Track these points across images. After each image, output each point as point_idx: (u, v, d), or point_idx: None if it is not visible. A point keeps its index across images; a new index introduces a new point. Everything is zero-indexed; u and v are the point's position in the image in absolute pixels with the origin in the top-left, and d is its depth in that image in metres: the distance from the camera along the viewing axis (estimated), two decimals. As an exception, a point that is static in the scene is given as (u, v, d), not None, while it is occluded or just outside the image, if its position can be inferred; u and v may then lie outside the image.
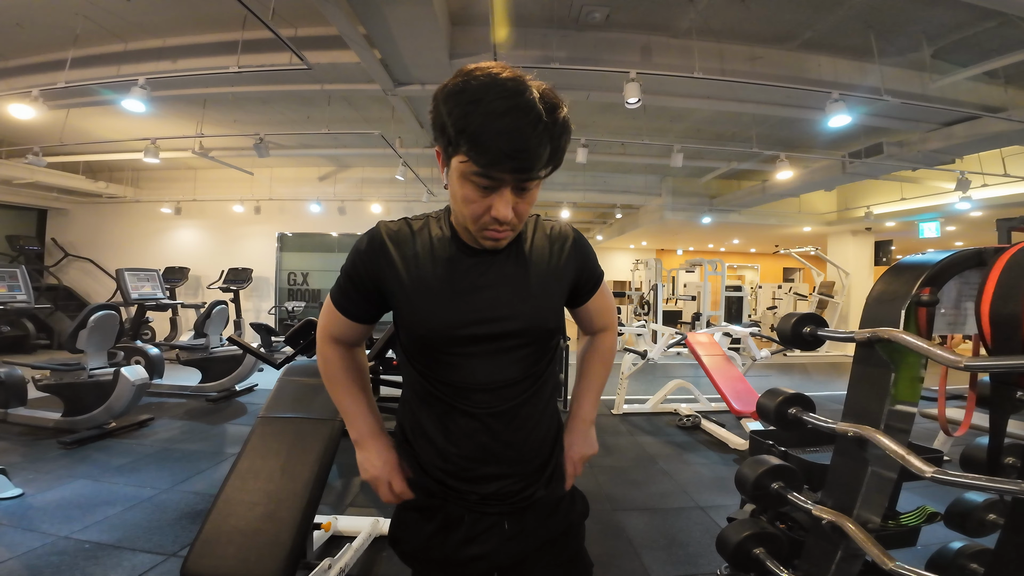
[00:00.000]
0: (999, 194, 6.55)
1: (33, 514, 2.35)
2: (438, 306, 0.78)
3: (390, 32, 3.42)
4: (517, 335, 0.81)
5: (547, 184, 6.30)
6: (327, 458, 1.73)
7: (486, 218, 0.71)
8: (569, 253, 0.88)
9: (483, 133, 0.63)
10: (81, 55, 4.30)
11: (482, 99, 0.63)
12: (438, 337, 0.79)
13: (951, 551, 1.21)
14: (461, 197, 0.71)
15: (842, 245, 9.97)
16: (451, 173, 0.72)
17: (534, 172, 0.67)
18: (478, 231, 0.74)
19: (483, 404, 0.80)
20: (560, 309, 0.88)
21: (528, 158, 0.65)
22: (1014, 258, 0.91)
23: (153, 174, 8.68)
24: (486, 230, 0.73)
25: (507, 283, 0.81)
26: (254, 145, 5.42)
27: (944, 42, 4.00)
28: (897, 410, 1.05)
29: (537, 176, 0.69)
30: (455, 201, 0.75)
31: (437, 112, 0.69)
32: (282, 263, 8.89)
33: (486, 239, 0.75)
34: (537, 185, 0.72)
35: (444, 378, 0.81)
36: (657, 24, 3.96)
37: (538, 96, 0.65)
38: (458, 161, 0.68)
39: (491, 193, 0.69)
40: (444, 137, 0.69)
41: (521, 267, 0.83)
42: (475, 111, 0.63)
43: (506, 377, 0.81)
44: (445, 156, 0.72)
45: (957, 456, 1.19)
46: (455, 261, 0.80)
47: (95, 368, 3.54)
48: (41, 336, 7.44)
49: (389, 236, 0.81)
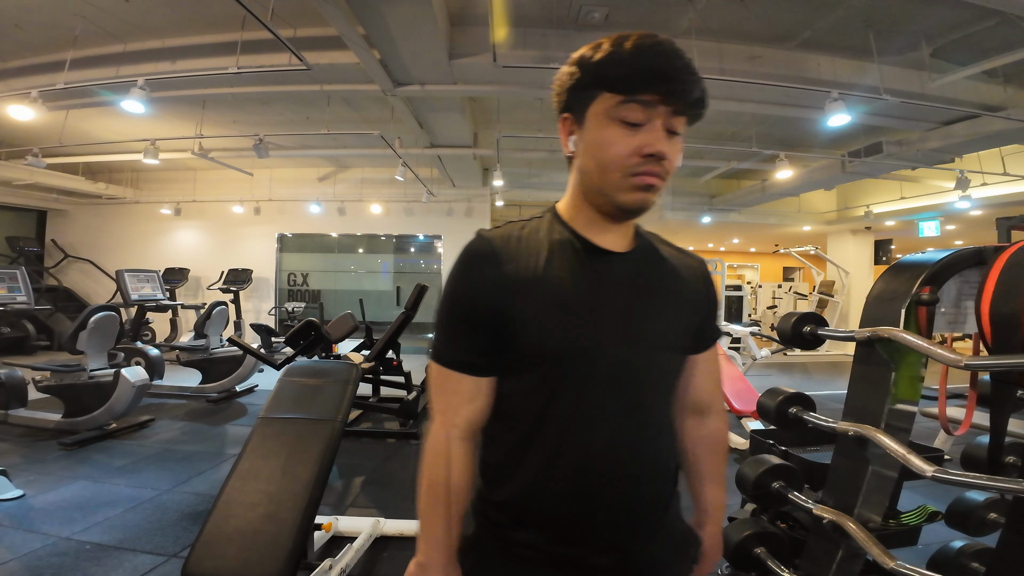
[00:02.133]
0: (999, 193, 6.55)
1: (34, 515, 2.35)
2: (574, 321, 0.64)
3: (389, 32, 3.42)
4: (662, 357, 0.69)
5: (547, 184, 6.29)
6: (328, 459, 1.73)
7: (634, 159, 0.61)
8: (702, 279, 0.77)
9: (634, 56, 0.59)
10: (80, 56, 4.30)
11: (628, 37, 0.60)
12: (571, 359, 0.64)
13: (952, 550, 1.21)
14: (600, 142, 0.62)
15: (842, 244, 9.97)
16: (587, 124, 0.64)
17: (687, 98, 0.60)
18: (623, 178, 0.62)
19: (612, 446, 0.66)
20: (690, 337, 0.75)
21: (680, 81, 0.59)
22: (1014, 257, 0.91)
23: (153, 175, 8.68)
24: (635, 175, 0.61)
25: (645, 293, 0.69)
26: (253, 146, 5.42)
27: (943, 41, 4.00)
28: (898, 409, 1.05)
29: (689, 109, 0.62)
30: (592, 155, 0.64)
31: (565, 77, 0.66)
32: (282, 264, 8.89)
33: (635, 187, 0.62)
34: (682, 137, 0.64)
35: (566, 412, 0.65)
36: (656, 24, 3.96)
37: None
38: (599, 103, 0.62)
39: (639, 131, 0.61)
40: (577, 91, 0.64)
41: (656, 277, 0.71)
42: (621, 47, 0.60)
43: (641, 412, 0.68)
44: (578, 111, 0.65)
45: (958, 455, 1.19)
46: (583, 264, 0.67)
47: (95, 369, 3.54)
48: (41, 337, 7.44)
49: (495, 242, 0.67)
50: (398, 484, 2.90)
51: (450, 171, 7.60)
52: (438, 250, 8.97)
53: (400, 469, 3.14)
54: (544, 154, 6.58)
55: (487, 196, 8.50)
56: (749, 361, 4.80)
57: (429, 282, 5.33)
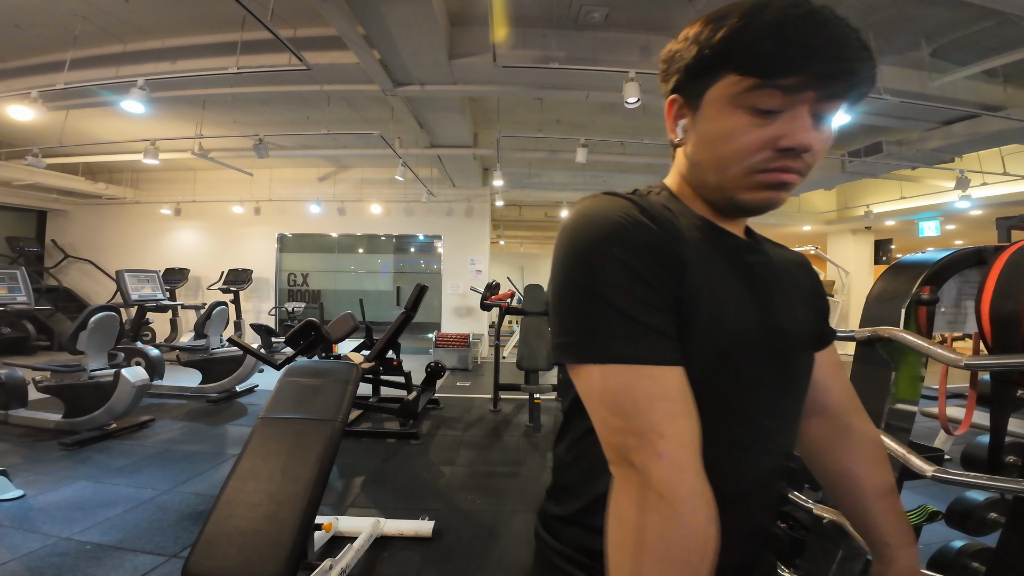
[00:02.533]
0: (999, 192, 6.55)
1: (34, 515, 2.35)
2: (739, 304, 0.52)
3: (389, 32, 3.42)
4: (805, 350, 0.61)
5: (547, 184, 6.29)
6: (328, 459, 1.73)
7: (765, 154, 0.48)
8: (812, 275, 0.69)
9: (778, 27, 0.45)
10: (80, 56, 4.30)
11: (768, 4, 0.46)
12: (744, 348, 0.51)
13: (952, 550, 1.21)
14: (722, 133, 0.50)
15: (842, 244, 9.97)
16: (704, 111, 0.52)
17: (856, 79, 0.46)
18: (748, 175, 0.50)
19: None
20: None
21: (847, 56, 0.45)
22: (1014, 256, 0.91)
23: (153, 175, 8.68)
24: (764, 172, 0.49)
25: (776, 283, 0.59)
26: (253, 146, 5.42)
27: (943, 41, 4.00)
28: (898, 409, 1.05)
29: (850, 91, 0.47)
30: (710, 148, 0.52)
31: (679, 50, 0.53)
32: (282, 264, 8.89)
33: (763, 185, 0.50)
34: (830, 126, 0.51)
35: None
36: (656, 23, 3.96)
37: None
38: (721, 86, 0.49)
39: (774, 119, 0.48)
40: (693, 70, 0.51)
41: (779, 267, 0.62)
42: (758, 16, 0.45)
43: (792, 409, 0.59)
44: (692, 94, 0.53)
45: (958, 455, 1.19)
46: (716, 248, 0.55)
47: (95, 369, 3.54)
48: (41, 338, 7.44)
49: (639, 209, 0.50)
50: (398, 484, 2.90)
51: (450, 171, 7.60)
52: (438, 250, 8.97)
53: (400, 469, 3.14)
54: (544, 154, 6.57)
55: (487, 196, 8.50)
56: (749, 361, 4.80)
57: (429, 282, 5.34)
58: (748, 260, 0.57)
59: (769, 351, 0.53)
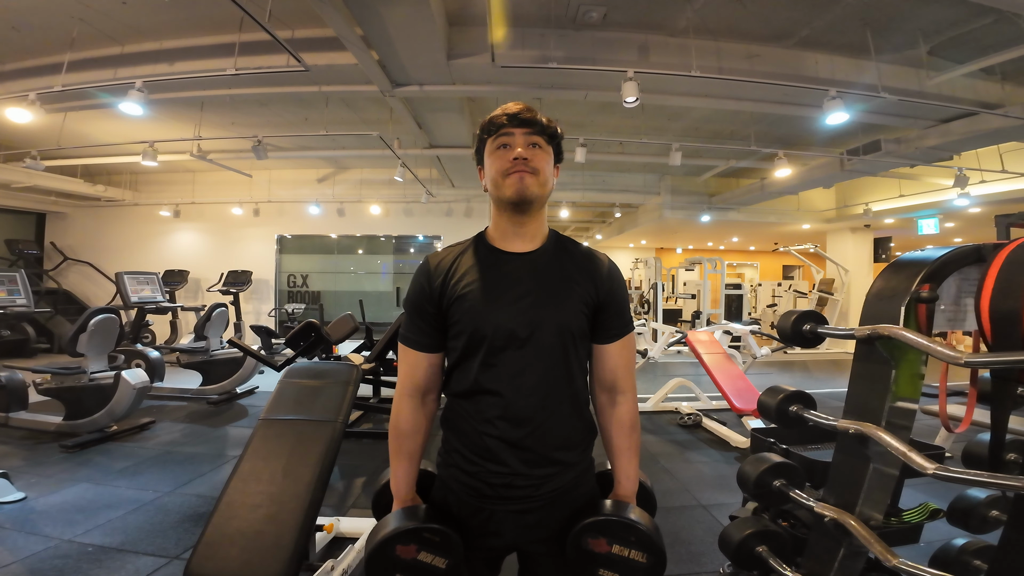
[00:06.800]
0: (997, 190, 6.56)
1: (36, 518, 2.35)
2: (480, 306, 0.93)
3: (387, 33, 3.42)
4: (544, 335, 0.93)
5: (546, 184, 6.22)
6: (329, 459, 1.73)
7: (508, 164, 0.91)
8: (595, 270, 0.98)
9: (496, 115, 0.94)
10: (78, 58, 4.30)
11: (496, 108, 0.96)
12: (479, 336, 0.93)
13: (954, 548, 1.21)
14: (492, 163, 0.93)
15: (841, 242, 9.98)
16: (486, 161, 0.96)
17: (533, 127, 0.92)
18: (503, 177, 0.92)
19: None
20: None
21: (525, 117, 0.92)
22: (1013, 254, 0.92)
23: (151, 177, 8.68)
24: (509, 174, 0.91)
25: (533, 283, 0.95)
26: (252, 147, 5.42)
27: (940, 39, 4.01)
28: (898, 407, 1.05)
29: (539, 131, 0.92)
30: (490, 174, 0.94)
31: (479, 141, 0.98)
32: (281, 265, 8.88)
33: (511, 179, 0.91)
34: (545, 151, 0.94)
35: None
36: (654, 23, 3.96)
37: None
38: (488, 145, 0.95)
39: (509, 150, 0.92)
40: (481, 147, 0.97)
41: (542, 270, 0.97)
42: (491, 114, 0.95)
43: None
44: (482, 158, 0.97)
45: (959, 453, 1.20)
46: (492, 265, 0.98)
47: (96, 372, 3.54)
48: (41, 340, 7.43)
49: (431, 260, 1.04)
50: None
51: (449, 171, 7.60)
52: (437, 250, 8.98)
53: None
54: (543, 154, 6.57)
55: (486, 196, 8.49)
56: (749, 360, 4.80)
57: (429, 282, 5.32)
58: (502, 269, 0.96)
59: (500, 335, 0.90)
